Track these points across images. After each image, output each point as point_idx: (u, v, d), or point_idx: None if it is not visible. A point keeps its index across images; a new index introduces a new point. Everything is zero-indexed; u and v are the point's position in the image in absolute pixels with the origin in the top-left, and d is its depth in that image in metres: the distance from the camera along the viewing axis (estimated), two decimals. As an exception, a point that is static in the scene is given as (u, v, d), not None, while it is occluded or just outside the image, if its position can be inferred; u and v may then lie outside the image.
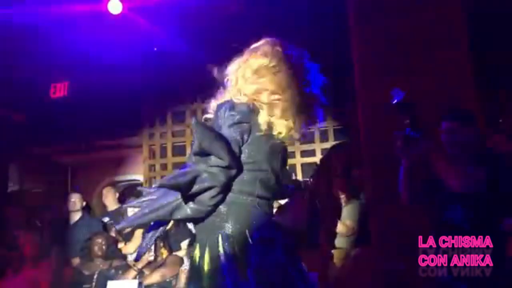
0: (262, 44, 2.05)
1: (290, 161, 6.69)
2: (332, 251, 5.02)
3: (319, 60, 2.10)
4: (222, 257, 1.78)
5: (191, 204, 1.77)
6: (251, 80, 1.96)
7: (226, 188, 1.80)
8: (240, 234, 1.81)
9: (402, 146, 2.79)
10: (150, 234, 1.96)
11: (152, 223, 1.93)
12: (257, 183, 1.87)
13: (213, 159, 1.72)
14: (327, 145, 7.05)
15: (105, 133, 8.38)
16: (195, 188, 1.72)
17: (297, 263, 1.92)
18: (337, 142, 7.01)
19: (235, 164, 1.77)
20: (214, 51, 5.73)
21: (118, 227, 2.04)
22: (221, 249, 1.79)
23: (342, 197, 5.23)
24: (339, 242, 5.05)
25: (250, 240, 1.80)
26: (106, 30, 5.90)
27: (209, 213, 1.80)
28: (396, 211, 3.60)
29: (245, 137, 1.85)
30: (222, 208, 1.84)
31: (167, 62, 6.67)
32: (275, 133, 1.92)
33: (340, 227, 4.98)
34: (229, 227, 1.82)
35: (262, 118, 1.91)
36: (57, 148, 9.01)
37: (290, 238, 1.99)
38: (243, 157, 1.86)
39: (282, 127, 1.92)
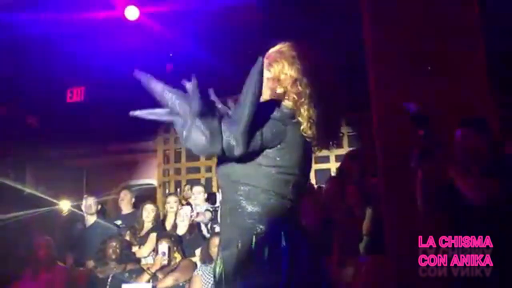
0: (286, 46, 2.00)
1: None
2: (345, 258, 4.99)
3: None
4: (254, 259, 1.78)
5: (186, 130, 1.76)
6: (281, 84, 1.93)
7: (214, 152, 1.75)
8: (272, 236, 1.81)
9: (417, 158, 2.79)
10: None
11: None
12: (289, 187, 1.87)
13: (234, 135, 1.68)
14: (342, 151, 7.03)
15: (120, 137, 8.45)
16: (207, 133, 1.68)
17: (322, 267, 1.94)
18: (351, 148, 7.00)
19: (243, 154, 1.72)
20: (229, 56, 5.79)
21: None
22: (254, 250, 1.79)
23: (356, 204, 5.20)
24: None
25: (283, 243, 1.80)
26: (123, 36, 5.96)
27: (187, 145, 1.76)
28: (410, 218, 3.58)
29: (280, 136, 1.83)
30: (255, 209, 1.84)
31: (182, 67, 6.72)
32: (309, 137, 1.90)
33: None
34: (262, 229, 1.82)
35: (299, 124, 1.88)
36: (73, 152, 9.11)
37: (313, 243, 2.00)
38: (279, 160, 1.84)
39: (314, 132, 1.88)
